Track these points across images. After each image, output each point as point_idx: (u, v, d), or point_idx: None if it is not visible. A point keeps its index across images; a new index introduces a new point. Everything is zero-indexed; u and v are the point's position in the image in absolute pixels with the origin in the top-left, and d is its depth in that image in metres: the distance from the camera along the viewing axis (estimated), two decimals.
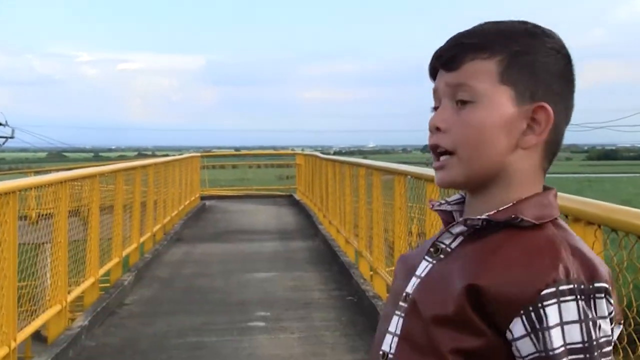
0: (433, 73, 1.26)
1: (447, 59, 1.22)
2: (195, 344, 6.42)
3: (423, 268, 1.22)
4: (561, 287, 1.09)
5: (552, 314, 1.08)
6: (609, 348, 1.12)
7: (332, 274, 9.53)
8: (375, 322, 6.69)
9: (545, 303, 1.08)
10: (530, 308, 1.08)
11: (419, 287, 1.20)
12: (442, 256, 1.21)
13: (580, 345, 1.08)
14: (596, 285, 1.11)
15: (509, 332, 1.11)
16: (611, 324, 1.13)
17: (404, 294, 1.22)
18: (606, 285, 1.12)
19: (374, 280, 7.96)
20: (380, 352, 1.22)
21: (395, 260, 6.50)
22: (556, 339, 1.08)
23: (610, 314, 1.13)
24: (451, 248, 1.21)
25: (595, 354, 1.08)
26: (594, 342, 1.08)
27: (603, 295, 1.11)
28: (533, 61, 1.19)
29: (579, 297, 1.09)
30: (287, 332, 6.74)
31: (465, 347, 1.13)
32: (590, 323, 1.09)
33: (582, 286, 1.10)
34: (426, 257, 1.23)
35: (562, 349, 1.08)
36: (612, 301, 1.13)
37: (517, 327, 1.09)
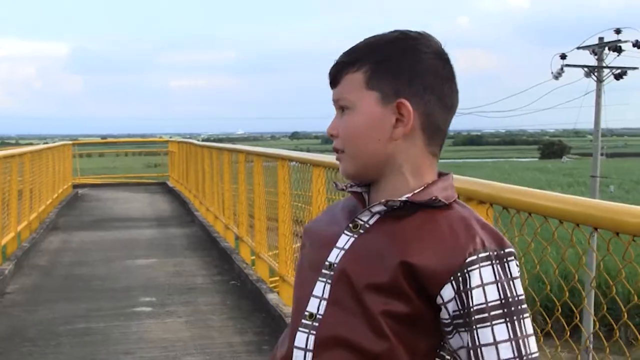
0: (330, 84, 1.51)
1: (331, 79, 1.48)
2: (84, 330, 6.47)
3: (345, 241, 1.44)
4: (480, 255, 1.33)
5: (474, 277, 1.32)
6: (525, 305, 1.36)
7: (213, 259, 9.70)
8: (260, 305, 6.96)
9: (469, 269, 1.32)
10: (458, 274, 1.33)
11: (347, 258, 1.42)
12: (361, 231, 1.44)
13: (498, 302, 1.32)
14: (506, 250, 1.36)
15: (439, 297, 1.35)
16: None
17: (327, 263, 1.43)
18: (514, 250, 1.39)
19: (257, 265, 8.20)
20: (307, 313, 1.42)
21: (280, 244, 6.74)
22: (477, 297, 1.32)
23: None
24: (369, 224, 1.44)
25: (513, 308, 1.32)
26: (510, 299, 1.32)
27: (513, 258, 1.37)
28: (394, 66, 1.43)
29: (494, 262, 1.34)
30: (174, 317, 6.89)
31: (395, 310, 1.35)
32: (505, 283, 1.33)
33: (495, 253, 1.35)
34: (346, 232, 1.45)
35: (484, 305, 1.32)
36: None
37: (447, 292, 1.33)
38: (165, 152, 22.33)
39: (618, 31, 25.46)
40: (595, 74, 26.01)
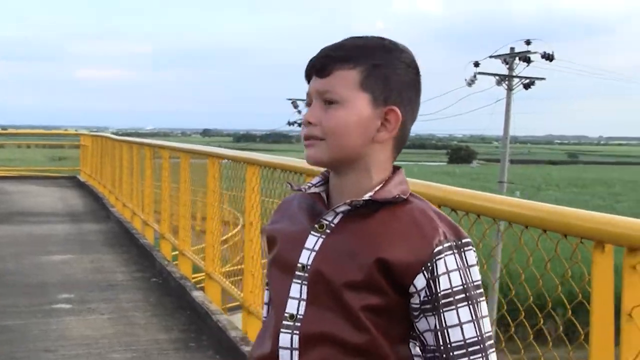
0: (308, 78, 1.56)
1: (319, 68, 1.51)
2: (0, 327, 6.27)
3: (314, 242, 1.52)
4: (444, 245, 1.46)
5: (440, 266, 1.45)
6: (481, 290, 1.50)
7: (132, 256, 9.53)
8: (185, 302, 6.90)
9: (436, 258, 1.45)
10: (428, 264, 1.45)
11: (319, 259, 1.50)
12: (328, 231, 1.52)
13: (460, 287, 1.46)
14: (464, 240, 1.49)
15: (412, 287, 1.47)
16: None
17: (299, 265, 1.51)
18: (470, 240, 1.51)
19: (180, 262, 8.11)
20: (287, 314, 1.50)
21: (207, 241, 6.67)
22: (444, 284, 1.45)
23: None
24: (334, 224, 1.52)
25: (472, 292, 1.47)
26: (470, 284, 1.47)
27: (470, 247, 1.50)
28: (387, 72, 1.52)
29: (454, 251, 1.47)
30: (95, 314, 6.75)
31: (373, 304, 1.47)
32: (465, 270, 1.47)
33: (455, 243, 1.48)
34: (313, 233, 1.52)
35: (449, 290, 1.45)
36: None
37: (419, 281, 1.46)
38: (75, 146, 21.77)
39: (528, 42, 26.36)
40: (506, 82, 26.83)
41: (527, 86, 26.69)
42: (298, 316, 1.50)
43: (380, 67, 1.50)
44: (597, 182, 65.31)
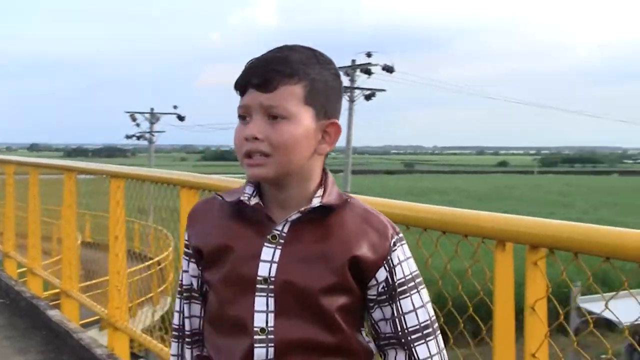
0: (242, 90, 1.54)
1: (263, 82, 1.49)
2: None
3: (271, 253, 1.52)
4: (395, 238, 1.56)
5: (395, 257, 1.55)
6: (421, 277, 1.62)
7: None
8: (39, 322, 6.56)
9: (392, 250, 1.55)
10: (388, 257, 1.55)
11: (286, 269, 1.50)
12: (282, 241, 1.52)
13: (410, 276, 1.57)
14: (400, 234, 1.59)
15: (373, 280, 1.55)
16: None
17: (260, 278, 1.50)
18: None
19: (29, 281, 7.71)
20: (256, 329, 1.50)
21: (64, 258, 6.37)
22: (399, 273, 1.55)
23: None
24: (285, 233, 1.53)
25: (418, 280, 1.58)
26: (415, 272, 1.58)
27: (404, 240, 1.60)
28: (326, 86, 1.55)
29: (400, 243, 1.58)
30: None
31: (344, 304, 1.53)
32: (409, 260, 1.58)
33: (398, 236, 1.58)
34: (267, 245, 1.52)
35: (403, 279, 1.56)
36: None
37: (381, 274, 1.54)
38: None
39: (369, 54, 27.16)
40: (348, 94, 27.52)
41: (368, 97, 27.48)
42: (269, 329, 1.50)
43: (319, 82, 1.53)
44: (432, 190, 68.12)
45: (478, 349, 2.41)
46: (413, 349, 1.56)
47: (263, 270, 1.51)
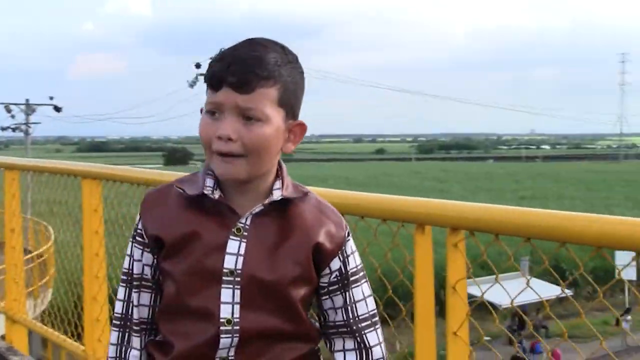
0: (217, 86, 1.53)
1: (241, 84, 1.50)
2: None
3: (236, 246, 1.56)
4: (347, 230, 1.67)
5: (347, 248, 1.65)
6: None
7: None
8: None
9: (345, 241, 1.65)
10: (343, 247, 1.64)
11: (252, 263, 1.55)
12: (245, 234, 1.57)
13: (359, 267, 1.68)
14: (347, 228, 1.68)
15: (327, 269, 1.62)
16: None
17: (226, 270, 1.54)
18: None
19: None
20: (222, 319, 1.54)
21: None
22: (351, 263, 1.66)
23: None
24: (247, 226, 1.57)
25: (364, 272, 1.69)
26: (361, 264, 1.69)
27: (349, 233, 1.68)
28: (296, 87, 1.60)
29: (350, 235, 1.67)
30: None
31: (306, 294, 1.61)
32: (356, 252, 1.68)
33: (347, 228, 1.67)
34: (232, 238, 1.56)
35: (355, 269, 1.66)
36: None
37: (335, 263, 1.63)
38: None
39: None
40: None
41: None
42: (234, 319, 1.54)
43: (290, 83, 1.58)
44: (311, 178, 68.56)
45: (400, 329, 2.51)
46: (364, 336, 1.65)
47: (229, 263, 1.54)
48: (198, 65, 27.98)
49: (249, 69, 1.51)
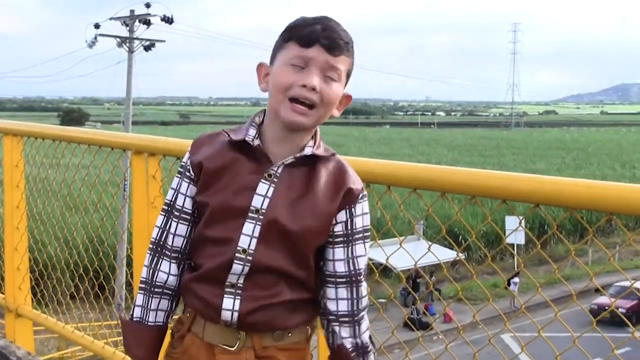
0: (308, 43, 1.74)
1: (333, 46, 1.75)
2: None
3: (265, 189, 1.76)
4: (362, 193, 1.85)
5: (358, 209, 1.84)
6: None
7: None
8: None
9: (357, 202, 1.83)
10: (352, 205, 1.82)
11: (276, 208, 1.75)
12: (275, 180, 1.77)
13: (366, 228, 1.86)
14: (365, 192, 1.86)
15: (333, 219, 1.81)
16: None
17: (253, 208, 1.75)
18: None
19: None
20: (239, 248, 1.75)
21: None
22: (358, 223, 1.83)
23: None
24: (278, 173, 1.77)
25: (368, 233, 1.87)
26: (368, 226, 1.86)
27: (367, 197, 1.87)
28: (352, 66, 1.83)
29: (365, 199, 1.85)
30: None
31: (319, 244, 1.82)
32: (367, 215, 1.85)
33: (364, 191, 1.86)
34: (263, 181, 1.76)
35: (361, 228, 1.84)
36: None
37: (341, 215, 1.82)
38: None
39: (148, 5, 26.52)
40: (127, 44, 26.73)
41: (147, 48, 26.83)
42: (249, 250, 1.75)
43: (352, 62, 1.83)
44: None
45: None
46: (360, 285, 1.85)
47: (256, 202, 1.76)
48: (97, 26, 27.28)
49: (340, 37, 1.76)
